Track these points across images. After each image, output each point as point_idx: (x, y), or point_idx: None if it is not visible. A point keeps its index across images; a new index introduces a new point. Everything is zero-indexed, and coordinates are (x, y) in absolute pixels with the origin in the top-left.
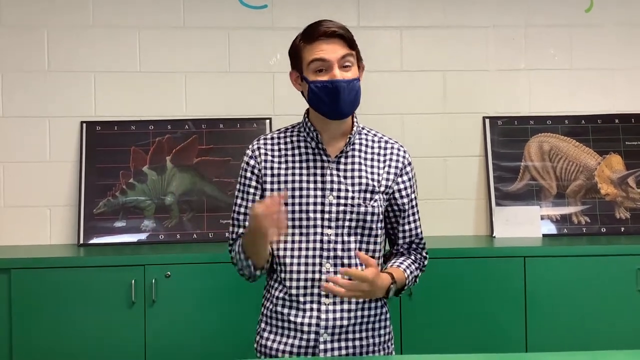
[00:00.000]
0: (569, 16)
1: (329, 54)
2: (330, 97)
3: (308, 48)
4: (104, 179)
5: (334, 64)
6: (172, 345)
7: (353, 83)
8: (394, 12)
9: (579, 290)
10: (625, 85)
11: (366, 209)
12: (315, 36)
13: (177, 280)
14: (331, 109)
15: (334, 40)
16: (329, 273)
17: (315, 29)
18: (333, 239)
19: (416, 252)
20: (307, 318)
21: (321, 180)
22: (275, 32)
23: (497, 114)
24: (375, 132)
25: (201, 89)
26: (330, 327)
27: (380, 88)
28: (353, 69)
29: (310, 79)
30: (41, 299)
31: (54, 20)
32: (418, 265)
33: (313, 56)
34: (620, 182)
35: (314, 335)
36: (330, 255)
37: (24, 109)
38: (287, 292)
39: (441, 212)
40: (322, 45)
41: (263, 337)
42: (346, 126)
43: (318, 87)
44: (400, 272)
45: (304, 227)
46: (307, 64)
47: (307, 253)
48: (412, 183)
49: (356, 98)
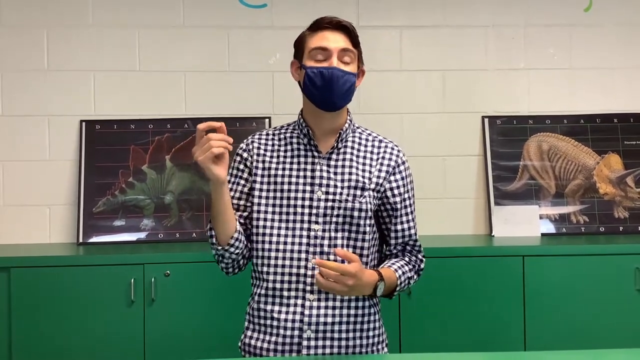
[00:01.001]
0: (568, 16)
1: (330, 43)
2: (324, 84)
3: (312, 36)
4: (103, 178)
5: (333, 53)
6: (171, 344)
7: (349, 75)
8: (394, 12)
9: (578, 289)
10: (624, 84)
11: (353, 204)
12: (321, 25)
13: (176, 279)
14: (323, 98)
15: (338, 32)
16: (315, 269)
17: (323, 18)
18: (320, 235)
19: (411, 255)
20: (291, 314)
21: (311, 175)
22: (274, 32)
23: (496, 113)
24: (371, 132)
25: (200, 88)
26: (314, 324)
27: (379, 87)
28: (351, 66)
29: (307, 65)
30: (40, 298)
31: (54, 20)
32: (412, 268)
33: (315, 44)
34: (619, 181)
35: (297, 332)
36: (316, 251)
37: (23, 108)
38: (270, 286)
39: (440, 212)
40: (326, 33)
41: (247, 336)
42: (339, 123)
43: (314, 72)
44: (391, 272)
45: (290, 221)
46: (309, 51)
47: (293, 247)
48: (405, 182)
49: (349, 91)
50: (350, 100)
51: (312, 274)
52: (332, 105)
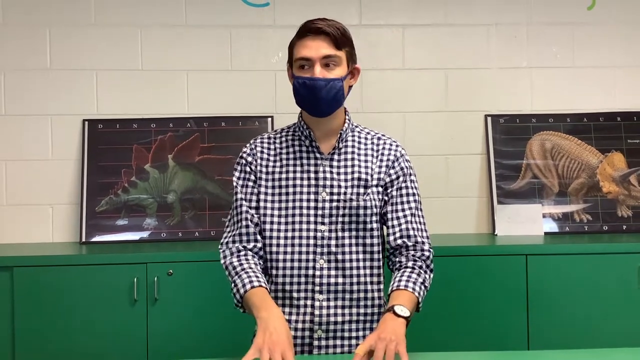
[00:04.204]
0: (571, 14)
1: (311, 51)
2: (309, 94)
3: (297, 44)
4: (106, 177)
5: (315, 62)
6: (174, 343)
7: (333, 83)
8: (396, 11)
9: (581, 288)
10: (627, 83)
11: (358, 203)
12: (305, 32)
13: (179, 278)
14: (310, 106)
15: (320, 38)
16: (323, 269)
17: (306, 25)
18: (327, 235)
19: (415, 250)
20: (301, 315)
21: (314, 177)
22: (277, 30)
23: (499, 112)
24: (369, 130)
25: (203, 87)
26: (324, 324)
27: (382, 86)
28: (338, 70)
29: (295, 74)
30: (43, 297)
31: (56, 19)
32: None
33: (299, 54)
34: (622, 180)
35: (308, 332)
36: (324, 251)
37: (26, 107)
38: (279, 288)
39: (443, 210)
40: (308, 42)
41: None
42: (338, 123)
43: (299, 82)
44: (400, 294)
45: (297, 223)
46: (295, 60)
47: (301, 249)
48: (404, 172)
49: (336, 97)
50: (342, 103)
51: (321, 275)
52: (321, 113)
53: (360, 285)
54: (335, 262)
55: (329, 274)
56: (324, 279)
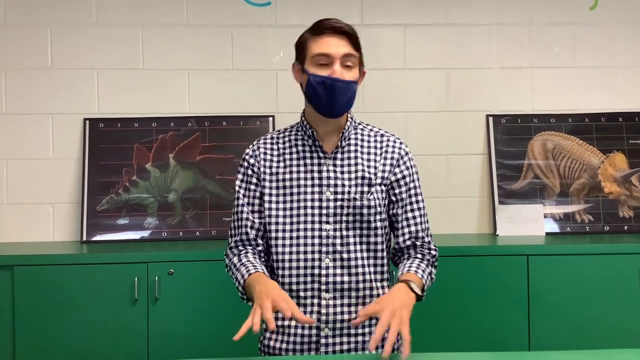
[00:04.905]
0: (572, 14)
1: (332, 49)
2: (326, 94)
3: (314, 40)
4: (107, 176)
5: (336, 59)
6: (175, 343)
7: (350, 85)
8: (397, 10)
9: (582, 288)
10: (629, 83)
11: (362, 202)
12: (323, 30)
13: (179, 278)
14: (324, 106)
15: (340, 37)
16: (329, 268)
17: (324, 23)
18: (332, 234)
19: (423, 248)
20: (308, 314)
21: (318, 176)
22: (278, 30)
23: (501, 112)
24: (372, 127)
25: (204, 87)
26: (331, 322)
27: (383, 86)
28: (354, 71)
29: (310, 71)
30: (44, 296)
31: (57, 18)
32: (428, 262)
33: (317, 49)
34: (624, 180)
35: (315, 330)
36: (329, 250)
37: (27, 107)
38: (286, 288)
39: (444, 210)
40: (328, 39)
41: (266, 338)
42: (340, 122)
43: (317, 81)
44: (411, 275)
45: (302, 222)
46: (312, 57)
47: (306, 249)
48: (410, 172)
49: (350, 100)
50: (352, 106)
51: (327, 273)
52: (334, 114)
53: (365, 283)
54: (340, 260)
55: (335, 272)
56: (330, 278)
